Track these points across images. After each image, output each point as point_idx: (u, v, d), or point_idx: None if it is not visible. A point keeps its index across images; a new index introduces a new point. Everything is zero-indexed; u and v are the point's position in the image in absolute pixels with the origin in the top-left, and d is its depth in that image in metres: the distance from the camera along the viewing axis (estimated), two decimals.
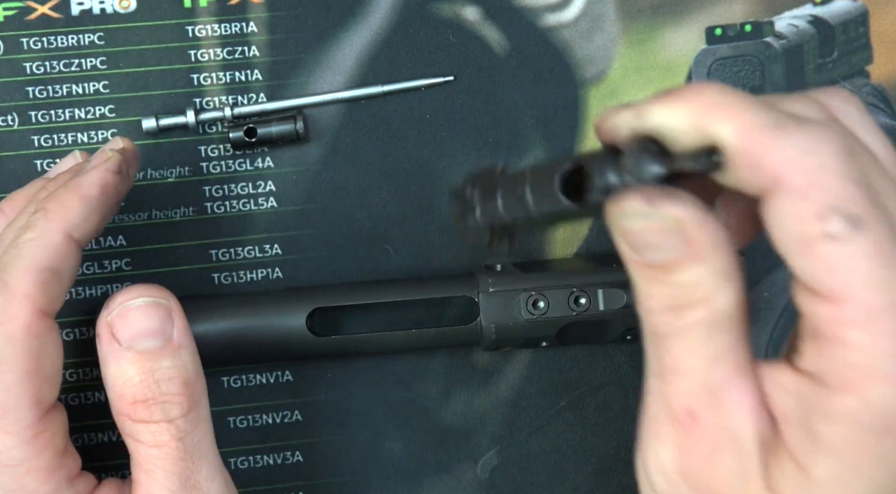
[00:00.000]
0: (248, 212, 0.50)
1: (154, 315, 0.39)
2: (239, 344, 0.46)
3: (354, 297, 0.47)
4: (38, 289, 0.38)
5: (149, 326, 0.38)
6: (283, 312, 0.46)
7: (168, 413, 0.38)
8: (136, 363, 0.38)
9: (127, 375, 0.38)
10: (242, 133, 0.49)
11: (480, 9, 0.51)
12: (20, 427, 0.37)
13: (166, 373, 0.38)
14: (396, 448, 0.50)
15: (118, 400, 0.39)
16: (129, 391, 0.38)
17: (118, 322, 0.39)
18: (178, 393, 0.38)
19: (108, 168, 0.41)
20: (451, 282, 0.47)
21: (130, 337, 0.38)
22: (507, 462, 0.50)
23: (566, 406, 0.50)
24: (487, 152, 0.50)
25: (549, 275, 0.47)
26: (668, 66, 0.51)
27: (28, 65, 0.49)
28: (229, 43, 0.50)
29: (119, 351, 0.38)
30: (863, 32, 0.52)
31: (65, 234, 0.39)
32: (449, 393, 0.50)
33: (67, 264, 0.39)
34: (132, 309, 0.39)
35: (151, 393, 0.38)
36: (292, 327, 0.46)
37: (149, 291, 0.39)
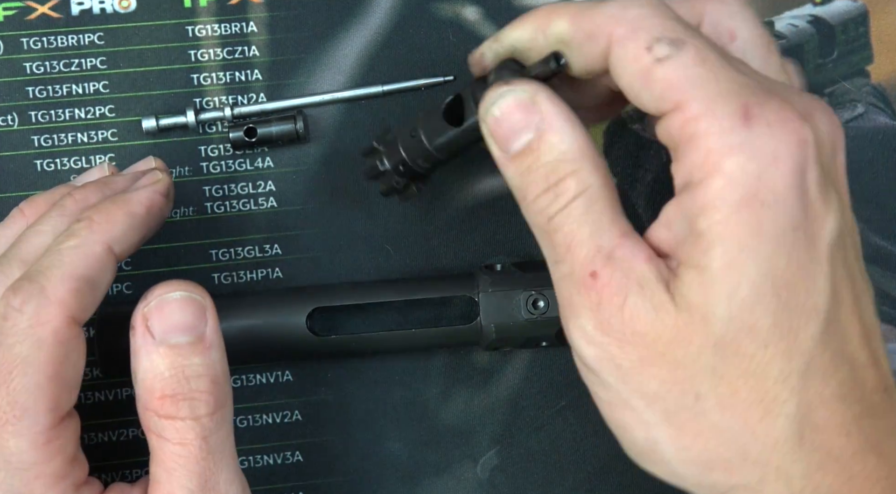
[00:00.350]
0: (248, 212, 0.50)
1: (189, 310, 0.39)
2: (239, 343, 0.46)
3: (354, 297, 0.47)
4: (73, 297, 0.38)
5: (182, 321, 0.38)
6: (283, 312, 0.46)
7: (195, 411, 0.38)
8: (167, 357, 0.38)
9: (157, 369, 0.38)
10: (242, 133, 0.49)
11: (480, 9, 0.51)
12: (35, 432, 0.37)
13: (196, 370, 0.38)
14: (396, 448, 0.50)
15: (146, 393, 0.38)
16: (158, 385, 0.38)
17: (155, 314, 0.38)
18: (206, 391, 0.38)
19: (158, 189, 0.42)
20: (451, 282, 0.47)
21: (164, 330, 0.38)
22: (507, 462, 0.50)
23: (566, 406, 0.50)
24: (487, 152, 0.50)
25: (549, 275, 0.47)
26: None
27: (28, 65, 0.49)
28: (229, 43, 0.50)
29: (152, 345, 0.38)
30: (863, 32, 0.52)
31: (106, 246, 0.39)
32: (449, 393, 0.50)
33: (104, 276, 0.39)
34: (169, 303, 0.39)
35: (181, 388, 0.38)
36: (292, 327, 0.46)
37: (185, 286, 0.39)
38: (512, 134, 0.37)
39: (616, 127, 0.51)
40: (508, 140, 0.38)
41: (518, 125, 0.37)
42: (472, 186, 0.50)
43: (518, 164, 0.38)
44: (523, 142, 0.37)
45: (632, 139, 0.51)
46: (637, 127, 0.51)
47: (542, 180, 0.37)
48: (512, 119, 0.37)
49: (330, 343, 0.46)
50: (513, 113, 0.37)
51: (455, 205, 0.50)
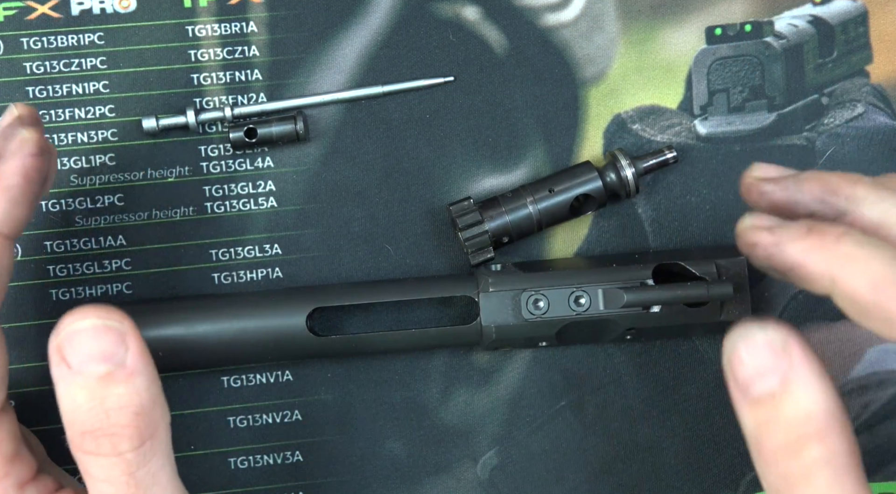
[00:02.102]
0: (248, 212, 0.50)
1: (106, 338, 0.35)
2: (238, 343, 0.46)
3: (354, 297, 0.47)
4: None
5: (99, 349, 0.35)
6: (282, 312, 0.46)
7: (117, 447, 0.35)
8: (85, 388, 0.35)
9: (76, 401, 0.35)
10: (242, 133, 0.49)
11: (480, 9, 0.51)
12: None
13: (117, 401, 0.35)
14: (396, 448, 0.50)
15: (68, 428, 0.36)
16: (77, 419, 0.35)
17: (66, 344, 0.35)
18: (128, 425, 0.35)
19: (28, 152, 0.38)
20: (452, 282, 0.47)
21: (80, 361, 0.35)
22: (507, 462, 0.50)
23: (566, 406, 0.50)
24: (487, 152, 0.50)
25: (549, 275, 0.47)
26: (668, 65, 0.51)
27: (28, 65, 0.49)
28: (229, 43, 0.50)
29: (69, 376, 0.35)
30: (862, 32, 0.52)
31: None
32: (449, 393, 0.50)
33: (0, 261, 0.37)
34: (81, 332, 0.35)
35: (100, 423, 0.35)
36: (292, 327, 0.46)
37: (99, 313, 0.35)
38: (755, 377, 0.35)
39: (616, 127, 0.51)
40: (750, 384, 0.35)
41: (763, 371, 0.34)
42: (472, 186, 0.50)
43: (756, 411, 0.35)
44: (766, 387, 0.34)
45: (632, 139, 0.51)
46: (637, 127, 0.51)
47: (781, 433, 0.34)
48: (758, 362, 0.34)
49: (330, 343, 0.46)
50: (760, 355, 0.34)
51: None
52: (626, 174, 0.48)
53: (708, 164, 0.51)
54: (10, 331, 0.48)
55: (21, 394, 0.48)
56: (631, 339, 0.48)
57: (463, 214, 0.48)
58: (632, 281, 0.46)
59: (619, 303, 0.46)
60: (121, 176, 0.49)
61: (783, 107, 0.51)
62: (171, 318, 0.46)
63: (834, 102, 0.51)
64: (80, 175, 0.49)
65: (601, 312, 0.46)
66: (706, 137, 0.51)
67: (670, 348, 0.50)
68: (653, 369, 0.50)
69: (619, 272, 0.46)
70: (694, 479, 0.50)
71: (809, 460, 0.33)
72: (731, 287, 0.45)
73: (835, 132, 0.51)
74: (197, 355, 0.46)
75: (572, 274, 0.47)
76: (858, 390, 0.50)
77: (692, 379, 0.50)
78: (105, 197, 0.49)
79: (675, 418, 0.50)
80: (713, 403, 0.50)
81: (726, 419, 0.50)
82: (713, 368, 0.50)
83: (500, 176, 0.50)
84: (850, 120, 0.51)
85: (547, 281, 0.46)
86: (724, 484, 0.50)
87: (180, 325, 0.46)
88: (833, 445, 0.33)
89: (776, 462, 0.34)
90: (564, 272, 0.47)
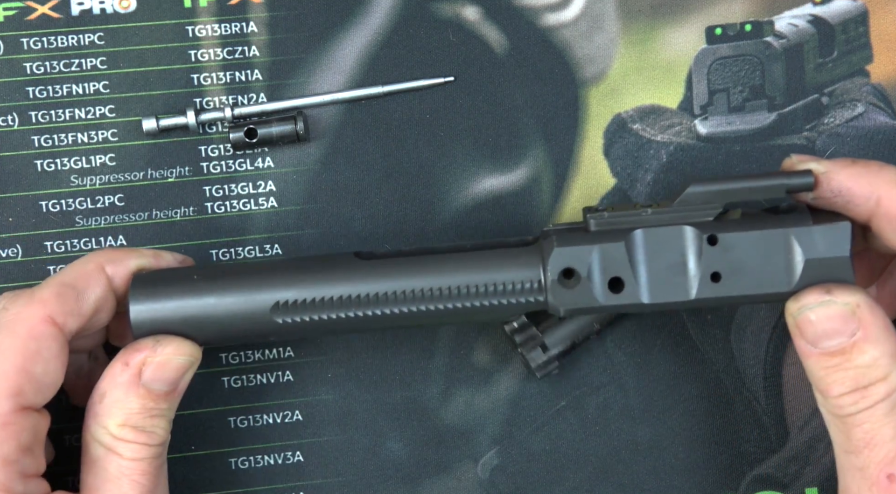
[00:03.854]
0: (248, 212, 0.50)
1: (181, 370, 0.42)
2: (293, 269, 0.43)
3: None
4: (55, 298, 0.41)
5: (171, 377, 0.42)
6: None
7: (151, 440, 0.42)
8: (141, 398, 0.42)
9: (129, 404, 0.42)
10: (242, 133, 0.49)
11: (480, 9, 0.51)
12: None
13: (161, 412, 0.42)
14: (396, 448, 0.50)
15: (107, 417, 0.42)
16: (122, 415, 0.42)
17: (154, 367, 0.42)
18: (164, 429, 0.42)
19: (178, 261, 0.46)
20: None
21: (152, 380, 0.42)
22: (508, 462, 0.50)
23: (566, 406, 0.50)
24: (487, 152, 0.50)
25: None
26: (668, 65, 0.51)
27: (28, 65, 0.49)
28: (229, 43, 0.50)
29: (133, 385, 0.42)
30: (863, 32, 0.52)
31: (98, 265, 0.43)
32: (449, 393, 0.50)
33: (91, 287, 0.43)
34: (170, 363, 0.42)
35: (143, 423, 0.42)
36: (339, 255, 0.43)
37: (188, 350, 0.43)
38: (824, 336, 0.40)
39: (616, 127, 0.51)
40: (818, 339, 0.40)
41: (833, 331, 0.40)
42: (472, 186, 0.50)
43: (825, 360, 0.40)
44: (835, 344, 0.40)
45: (632, 139, 0.51)
46: (637, 127, 0.51)
47: (850, 380, 0.39)
48: (828, 325, 0.40)
49: (377, 268, 0.42)
50: (832, 321, 0.40)
51: (455, 204, 0.50)
52: None
53: (708, 164, 0.51)
54: None
55: None
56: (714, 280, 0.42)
57: (519, 330, 0.47)
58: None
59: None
60: (121, 176, 0.49)
61: (783, 106, 0.51)
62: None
63: (834, 102, 0.51)
64: (80, 175, 0.49)
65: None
66: (706, 137, 0.51)
67: (670, 348, 0.50)
68: (653, 369, 0.50)
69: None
70: (694, 479, 0.50)
71: (873, 398, 0.39)
72: (810, 175, 0.41)
73: (835, 132, 0.51)
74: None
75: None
76: None
77: (692, 378, 0.50)
78: (105, 197, 0.49)
79: (675, 418, 0.50)
80: (713, 403, 0.50)
81: (726, 419, 0.50)
82: (713, 368, 0.50)
83: (500, 176, 0.50)
84: (850, 119, 0.51)
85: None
86: (724, 484, 0.50)
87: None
88: (894, 382, 0.39)
89: (842, 401, 0.39)
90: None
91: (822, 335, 0.40)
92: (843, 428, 0.40)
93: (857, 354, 0.39)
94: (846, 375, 0.39)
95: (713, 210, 0.41)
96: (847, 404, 0.39)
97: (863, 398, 0.39)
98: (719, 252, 0.41)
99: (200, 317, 0.43)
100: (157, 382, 0.42)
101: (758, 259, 0.41)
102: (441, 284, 0.42)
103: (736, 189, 0.41)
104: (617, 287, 0.41)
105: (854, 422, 0.39)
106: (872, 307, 0.40)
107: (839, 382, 0.39)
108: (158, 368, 0.42)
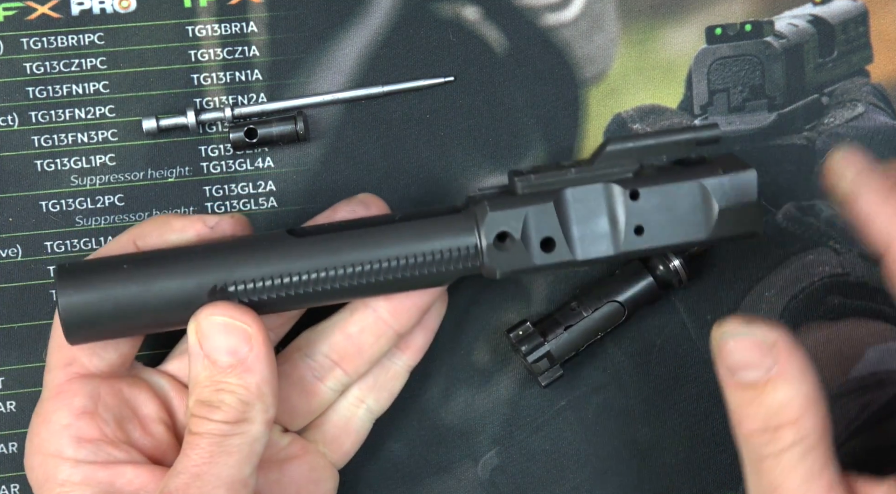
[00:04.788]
0: (248, 212, 0.50)
1: (234, 335, 0.41)
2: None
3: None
4: None
5: (225, 344, 0.41)
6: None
7: (212, 415, 0.41)
8: (207, 369, 0.41)
9: (198, 376, 0.41)
10: (243, 133, 0.49)
11: (480, 9, 0.51)
12: (50, 380, 0.44)
13: (228, 387, 0.41)
14: (396, 448, 0.50)
15: (190, 389, 0.42)
16: (196, 389, 0.41)
17: (204, 329, 0.41)
18: (229, 405, 0.41)
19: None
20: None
21: (210, 348, 0.41)
22: (508, 462, 0.50)
23: (566, 406, 0.50)
24: (488, 152, 0.50)
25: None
26: (668, 65, 0.51)
27: (28, 65, 0.49)
28: (229, 43, 0.50)
29: (199, 354, 0.41)
30: (863, 32, 0.52)
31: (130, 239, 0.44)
32: (449, 393, 0.50)
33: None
34: (216, 325, 0.41)
35: (209, 397, 0.41)
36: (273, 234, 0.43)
37: (233, 312, 0.41)
38: (742, 365, 0.38)
39: (616, 127, 0.51)
40: (735, 369, 0.38)
41: (749, 363, 0.38)
42: (472, 186, 0.50)
43: (740, 392, 0.38)
44: (751, 377, 0.38)
45: None
46: (637, 127, 0.51)
47: (760, 419, 0.38)
48: (745, 355, 0.38)
49: (313, 245, 0.42)
50: (748, 351, 0.38)
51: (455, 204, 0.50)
52: (674, 265, 0.48)
53: None
54: (11, 331, 0.48)
55: (22, 395, 0.48)
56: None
57: (524, 339, 0.48)
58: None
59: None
60: (121, 176, 0.49)
61: (783, 106, 0.51)
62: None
63: (834, 102, 0.51)
64: (80, 175, 0.49)
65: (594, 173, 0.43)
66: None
67: (670, 348, 0.50)
68: (653, 369, 0.50)
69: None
70: (694, 479, 0.50)
71: (782, 442, 0.37)
72: (717, 127, 0.43)
73: (835, 132, 0.51)
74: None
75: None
76: (858, 390, 0.50)
77: (692, 379, 0.50)
78: (105, 197, 0.49)
79: (675, 418, 0.50)
80: (713, 403, 0.50)
81: (726, 419, 0.50)
82: (713, 368, 0.50)
83: (501, 176, 0.50)
84: (850, 119, 0.51)
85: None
86: (724, 484, 0.50)
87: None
88: (805, 428, 0.37)
89: (753, 440, 0.38)
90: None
91: (740, 364, 0.38)
92: (754, 471, 0.39)
93: (771, 391, 0.37)
94: (758, 412, 0.38)
95: (631, 166, 0.43)
96: (758, 444, 0.38)
97: (772, 440, 0.38)
98: (640, 206, 0.43)
99: (137, 306, 0.42)
100: (214, 351, 0.41)
101: (676, 210, 0.43)
102: (379, 257, 0.42)
103: (650, 145, 0.43)
104: (549, 246, 0.42)
105: (763, 467, 0.38)
106: (792, 346, 0.38)
107: (751, 418, 0.38)
108: (205, 334, 0.41)
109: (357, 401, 0.47)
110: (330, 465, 0.47)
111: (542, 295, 0.50)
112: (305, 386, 0.46)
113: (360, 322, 0.45)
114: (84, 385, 0.43)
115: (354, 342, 0.45)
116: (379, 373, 0.47)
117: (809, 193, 0.50)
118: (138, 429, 0.44)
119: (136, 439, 0.44)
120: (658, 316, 0.50)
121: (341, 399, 0.47)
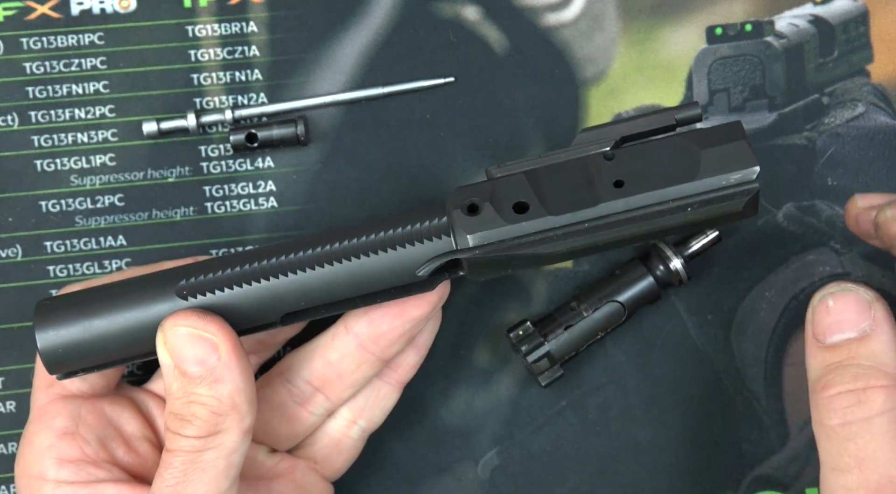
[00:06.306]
0: (248, 212, 0.50)
1: (199, 345, 0.40)
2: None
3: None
4: None
5: (192, 354, 0.40)
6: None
7: (184, 430, 0.40)
8: (178, 380, 0.40)
9: (171, 388, 0.41)
10: (243, 137, 0.49)
11: (480, 9, 0.51)
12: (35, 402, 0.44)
13: (199, 398, 0.40)
14: (396, 448, 0.50)
15: (166, 403, 0.41)
16: (169, 400, 0.41)
17: (171, 340, 0.40)
18: (201, 418, 0.40)
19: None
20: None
21: (178, 359, 0.40)
22: (508, 462, 0.50)
23: (566, 406, 0.50)
24: (488, 152, 0.50)
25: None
26: (668, 65, 0.51)
27: (28, 65, 0.49)
28: (229, 43, 0.50)
29: (169, 366, 0.41)
30: (863, 32, 0.52)
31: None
32: (449, 393, 0.50)
33: None
34: (180, 336, 0.40)
35: (181, 409, 0.40)
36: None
37: (196, 322, 0.40)
38: (835, 327, 0.38)
39: None
40: (828, 331, 0.38)
41: (845, 322, 0.38)
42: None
43: (828, 355, 0.38)
44: (843, 337, 0.38)
45: None
46: None
47: (849, 379, 0.37)
48: (843, 315, 0.38)
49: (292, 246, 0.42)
50: (848, 309, 0.38)
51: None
52: (674, 265, 0.48)
53: None
54: (11, 331, 0.48)
55: (22, 395, 0.48)
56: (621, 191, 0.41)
57: (524, 339, 0.47)
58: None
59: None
60: (121, 176, 0.49)
61: (784, 106, 0.51)
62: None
63: (834, 102, 0.51)
64: (80, 175, 0.49)
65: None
66: None
67: (670, 348, 0.50)
68: (653, 369, 0.50)
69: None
70: (694, 479, 0.50)
71: (874, 407, 0.36)
72: (698, 107, 0.42)
73: (835, 132, 0.51)
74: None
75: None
76: None
77: (692, 379, 0.50)
78: (105, 197, 0.49)
79: (675, 418, 0.50)
80: (713, 403, 0.50)
81: (726, 419, 0.50)
82: (713, 368, 0.50)
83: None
84: (850, 119, 0.51)
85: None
86: (725, 484, 0.50)
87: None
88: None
89: (839, 403, 0.37)
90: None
91: (834, 325, 0.38)
92: (835, 440, 0.37)
93: (864, 349, 0.37)
94: (846, 373, 0.37)
95: (608, 143, 0.41)
96: (839, 406, 0.37)
97: (861, 403, 0.36)
98: (617, 163, 0.41)
99: (111, 334, 0.41)
100: (183, 362, 0.40)
101: (656, 161, 0.41)
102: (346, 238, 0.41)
103: (626, 124, 0.42)
104: (522, 209, 0.41)
105: (847, 435, 0.36)
106: (887, 309, 0.38)
107: (837, 381, 0.37)
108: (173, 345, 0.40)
109: (348, 423, 0.46)
110: (321, 480, 0.46)
111: (542, 295, 0.50)
112: (287, 412, 0.45)
113: (340, 349, 0.44)
114: (65, 406, 0.43)
115: (335, 369, 0.44)
116: (369, 394, 0.46)
117: (809, 193, 0.50)
118: (122, 448, 0.44)
119: (120, 458, 0.44)
120: (658, 316, 0.50)
121: (330, 420, 0.46)
